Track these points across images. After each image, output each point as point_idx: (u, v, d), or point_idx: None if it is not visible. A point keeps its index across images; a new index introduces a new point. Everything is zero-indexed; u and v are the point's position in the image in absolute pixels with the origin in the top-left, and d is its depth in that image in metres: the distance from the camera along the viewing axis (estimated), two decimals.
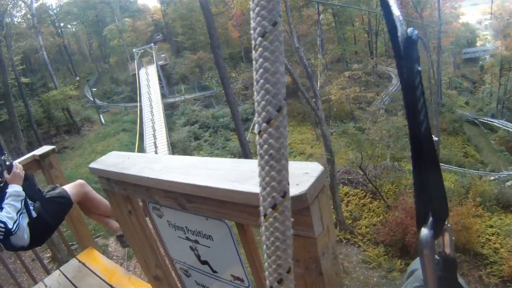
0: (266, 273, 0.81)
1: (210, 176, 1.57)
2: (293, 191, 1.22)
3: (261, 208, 0.79)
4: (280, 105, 0.73)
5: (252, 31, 0.73)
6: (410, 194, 19.22)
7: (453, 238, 0.74)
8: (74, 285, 3.88)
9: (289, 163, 1.42)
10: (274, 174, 0.75)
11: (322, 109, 22.29)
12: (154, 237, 2.60)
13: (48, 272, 4.48)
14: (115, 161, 2.29)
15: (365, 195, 21.07)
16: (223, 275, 2.03)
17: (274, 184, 0.75)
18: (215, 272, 2.06)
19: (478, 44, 60.00)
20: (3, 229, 2.77)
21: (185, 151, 29.95)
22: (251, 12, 0.73)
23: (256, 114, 0.74)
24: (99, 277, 3.86)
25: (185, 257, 2.24)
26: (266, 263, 0.80)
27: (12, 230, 2.83)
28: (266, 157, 0.74)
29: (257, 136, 0.75)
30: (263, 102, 0.72)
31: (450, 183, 23.26)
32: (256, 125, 0.75)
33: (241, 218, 1.56)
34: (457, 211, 17.22)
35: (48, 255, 12.34)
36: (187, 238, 2.04)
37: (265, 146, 0.74)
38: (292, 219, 0.81)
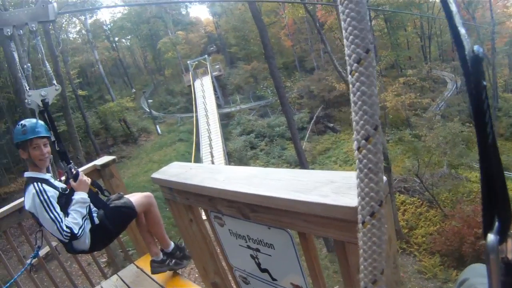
0: (362, 275, 0.88)
1: (272, 187, 1.62)
2: (356, 201, 1.26)
3: (359, 216, 0.89)
4: (376, 124, 0.81)
5: (347, 58, 0.80)
6: (468, 203, 18.79)
7: None
8: None
9: (352, 174, 1.48)
10: (373, 186, 0.84)
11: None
12: (213, 245, 2.67)
13: (105, 276, 4.62)
14: (177, 172, 2.38)
15: (422, 204, 20.50)
16: (283, 283, 2.06)
17: (372, 195, 0.85)
18: (274, 280, 2.10)
19: None
20: (69, 234, 2.90)
21: (241, 160, 30.09)
22: (345, 40, 0.81)
23: (355, 132, 0.83)
24: (156, 282, 3.93)
25: (245, 265, 2.29)
26: (362, 266, 0.88)
27: (78, 235, 2.96)
28: (365, 170, 0.83)
29: (356, 151, 0.84)
30: (361, 122, 0.81)
31: (509, 190, 22.38)
32: (355, 142, 0.83)
33: (303, 228, 1.60)
34: None
35: (104, 260, 12.64)
36: (248, 247, 2.09)
37: (364, 160, 0.83)
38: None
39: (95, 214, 3.26)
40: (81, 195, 3.11)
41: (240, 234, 2.10)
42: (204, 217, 2.51)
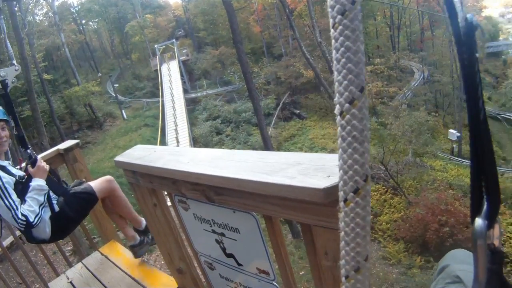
0: (342, 261, 0.78)
1: (238, 168, 1.56)
2: (324, 182, 1.22)
3: (341, 192, 0.76)
4: (362, 85, 0.70)
5: (329, 9, 0.71)
6: (432, 191, 19.07)
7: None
8: (97, 278, 3.89)
9: (319, 156, 1.43)
10: (357, 157, 0.72)
11: None
12: (178, 230, 2.61)
13: (70, 265, 4.51)
14: (141, 154, 2.30)
15: (387, 191, 20.68)
16: (248, 268, 2.02)
17: (356, 168, 0.73)
18: (240, 265, 2.06)
19: (501, 38, 59.19)
20: (24, 222, 2.79)
21: (207, 146, 29.83)
22: None
23: (337, 95, 0.72)
24: (121, 270, 3.87)
25: (210, 250, 2.24)
26: (343, 251, 0.77)
27: (33, 223, 2.86)
28: (349, 139, 0.72)
29: (338, 117, 0.73)
30: (345, 82, 0.70)
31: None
32: (338, 106, 0.72)
33: (270, 211, 1.55)
34: None
35: (69, 248, 12.44)
36: (213, 231, 2.04)
37: (348, 127, 0.72)
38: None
39: (55, 202, 3.15)
40: (38, 182, 2.99)
41: (205, 218, 2.04)
42: (169, 202, 2.45)
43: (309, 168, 1.34)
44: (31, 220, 2.83)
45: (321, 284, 1.65)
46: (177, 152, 2.16)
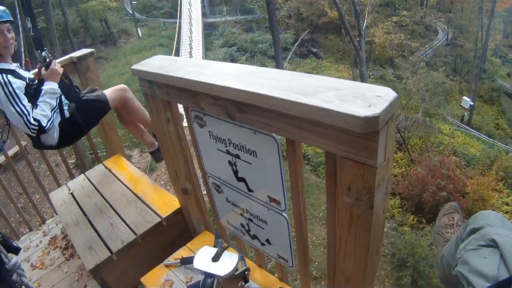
0: None
1: (268, 86, 1.44)
2: (365, 111, 1.11)
3: None
4: None
5: None
6: (436, 153, 19.04)
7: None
8: (98, 190, 3.87)
9: (358, 83, 1.32)
10: None
11: (364, 50, 21.82)
12: (189, 148, 2.54)
13: (72, 177, 4.50)
14: (161, 64, 2.19)
15: None
16: (259, 195, 1.96)
17: None
18: (251, 191, 1.99)
19: None
20: (37, 127, 2.72)
21: None
22: None
23: None
24: (124, 184, 3.84)
25: (220, 172, 2.17)
26: None
27: (46, 128, 2.79)
28: None
29: None
30: None
31: (476, 151, 22.90)
32: None
33: (296, 135, 1.45)
34: (477, 181, 16.95)
35: (72, 161, 12.53)
36: (228, 152, 1.95)
37: None
38: None
39: (65, 107, 3.06)
40: (51, 85, 2.90)
41: (221, 137, 1.95)
42: (184, 123, 2.37)
43: (348, 95, 1.23)
44: (44, 124, 2.77)
45: (333, 221, 1.58)
46: (200, 64, 2.04)
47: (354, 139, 1.21)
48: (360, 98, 1.19)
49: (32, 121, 2.70)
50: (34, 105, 2.80)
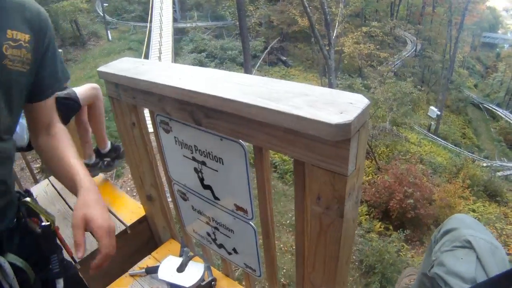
0: None
1: (237, 91, 1.40)
2: (337, 118, 1.08)
3: None
4: None
5: None
6: (403, 161, 19.44)
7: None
8: (62, 197, 3.75)
9: (329, 90, 1.28)
10: None
11: (333, 59, 22.07)
12: (154, 155, 2.48)
13: (36, 181, 4.38)
14: (128, 66, 2.12)
15: None
16: (225, 204, 1.91)
17: None
18: (217, 199, 1.94)
19: (499, 31, 59.68)
20: None
21: None
22: None
23: None
24: None
25: (186, 179, 2.12)
26: None
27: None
28: None
29: None
30: None
31: (443, 160, 23.45)
32: None
33: (264, 141, 1.40)
34: (444, 188, 17.37)
35: (37, 165, 12.24)
36: (194, 159, 1.90)
37: None
38: None
39: None
40: None
41: (187, 143, 1.89)
42: (150, 129, 2.30)
43: (318, 101, 1.19)
44: None
45: (302, 230, 1.55)
46: (169, 68, 1.98)
47: (324, 146, 1.17)
48: (331, 104, 1.16)
49: None
50: None
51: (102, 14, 39.72)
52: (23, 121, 2.78)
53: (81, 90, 3.24)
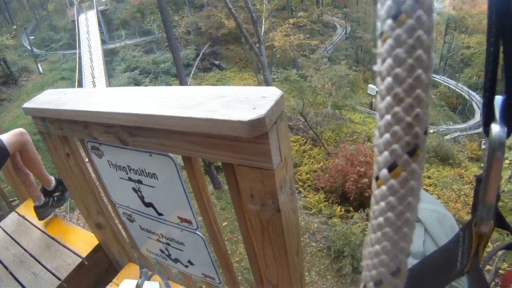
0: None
1: (154, 105, 1.40)
2: (250, 115, 1.10)
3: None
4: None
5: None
6: (351, 142, 19.75)
7: None
8: (15, 241, 3.66)
9: (244, 88, 1.29)
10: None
11: (265, 55, 22.21)
12: (94, 182, 2.44)
13: None
14: (51, 99, 2.09)
15: (306, 142, 20.89)
16: (169, 218, 1.91)
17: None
18: (160, 214, 1.94)
19: None
20: None
21: None
22: None
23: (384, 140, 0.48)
24: (40, 229, 3.66)
25: (128, 201, 2.10)
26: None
27: None
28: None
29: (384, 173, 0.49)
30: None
31: None
32: (383, 159, 0.48)
33: (189, 150, 1.41)
34: None
35: None
36: (130, 179, 1.89)
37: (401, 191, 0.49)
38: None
39: None
40: None
41: (120, 165, 1.88)
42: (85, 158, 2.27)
43: (232, 101, 1.21)
44: None
45: (247, 231, 1.56)
46: (89, 93, 1.97)
47: (245, 144, 1.19)
48: (245, 102, 1.17)
49: None
50: None
51: (29, 48, 39.04)
52: None
53: (8, 137, 3.14)
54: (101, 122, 1.65)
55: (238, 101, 1.19)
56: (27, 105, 2.17)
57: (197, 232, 1.84)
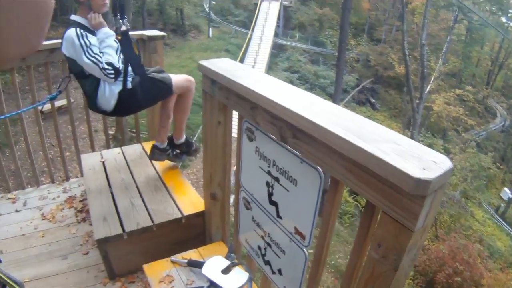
0: None
1: (330, 121, 1.43)
2: (419, 173, 1.09)
3: None
4: None
5: None
6: (462, 236, 18.64)
7: None
8: (129, 168, 3.90)
9: (417, 144, 1.29)
10: None
11: (421, 114, 21.62)
12: (231, 156, 2.54)
13: (108, 147, 4.59)
14: (228, 67, 2.21)
15: None
16: (286, 224, 1.92)
17: None
18: (279, 217, 1.96)
19: None
20: (112, 70, 2.80)
21: None
22: None
23: None
24: (156, 170, 3.86)
25: (255, 189, 2.15)
26: None
27: (119, 67, 2.89)
28: None
29: None
30: None
31: (503, 245, 22.39)
32: None
33: (341, 175, 1.43)
34: (495, 276, 16.21)
35: (112, 132, 12.69)
36: (269, 172, 1.93)
37: None
38: None
39: (129, 78, 3.06)
40: (102, 31, 2.94)
41: (266, 156, 1.93)
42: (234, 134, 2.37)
43: (405, 152, 1.21)
44: (116, 65, 2.87)
45: (352, 272, 1.55)
46: (268, 80, 2.03)
47: (400, 197, 1.18)
48: (416, 158, 1.18)
49: (106, 66, 2.79)
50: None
51: (207, 10, 40.60)
52: (115, 89, 2.95)
53: (177, 79, 3.36)
54: (272, 112, 1.71)
55: (410, 155, 1.19)
56: (203, 63, 2.30)
57: (305, 249, 1.83)
